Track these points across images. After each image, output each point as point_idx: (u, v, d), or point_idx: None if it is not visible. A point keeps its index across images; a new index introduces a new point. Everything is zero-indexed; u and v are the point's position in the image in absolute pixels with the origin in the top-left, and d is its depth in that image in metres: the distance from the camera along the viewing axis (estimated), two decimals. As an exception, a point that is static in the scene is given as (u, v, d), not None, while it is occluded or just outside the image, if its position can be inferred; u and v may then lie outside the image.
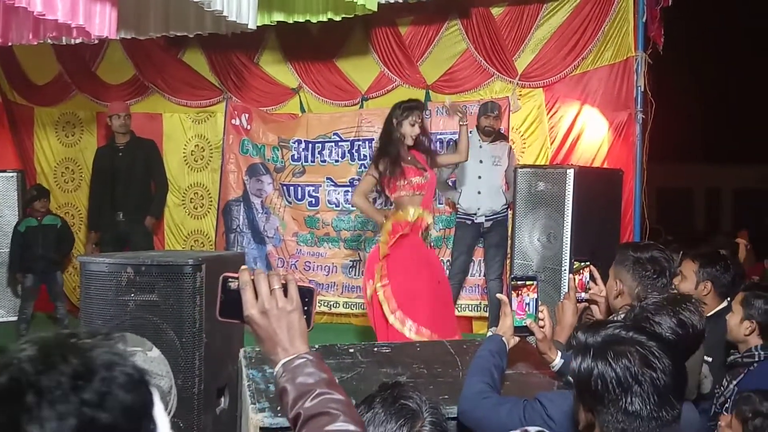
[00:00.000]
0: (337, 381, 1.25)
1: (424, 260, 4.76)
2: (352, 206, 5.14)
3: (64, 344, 0.86)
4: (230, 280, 1.29)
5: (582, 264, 2.78)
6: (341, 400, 1.21)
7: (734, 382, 2.93)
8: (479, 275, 6.09)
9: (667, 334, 2.01)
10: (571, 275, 2.68)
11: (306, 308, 1.28)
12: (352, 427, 1.16)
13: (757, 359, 2.91)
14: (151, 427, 0.91)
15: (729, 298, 3.40)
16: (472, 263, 6.08)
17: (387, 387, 1.76)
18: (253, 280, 1.27)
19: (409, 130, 4.73)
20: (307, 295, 1.29)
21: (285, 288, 1.27)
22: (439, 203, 6.22)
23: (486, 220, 5.75)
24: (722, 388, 3.01)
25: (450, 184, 5.96)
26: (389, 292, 4.51)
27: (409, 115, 4.73)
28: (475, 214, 5.75)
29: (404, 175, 4.67)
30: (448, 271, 5.98)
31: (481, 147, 5.76)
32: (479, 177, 5.73)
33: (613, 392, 1.47)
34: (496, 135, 5.80)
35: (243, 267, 1.32)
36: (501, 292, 5.70)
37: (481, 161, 5.74)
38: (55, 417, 0.80)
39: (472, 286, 6.15)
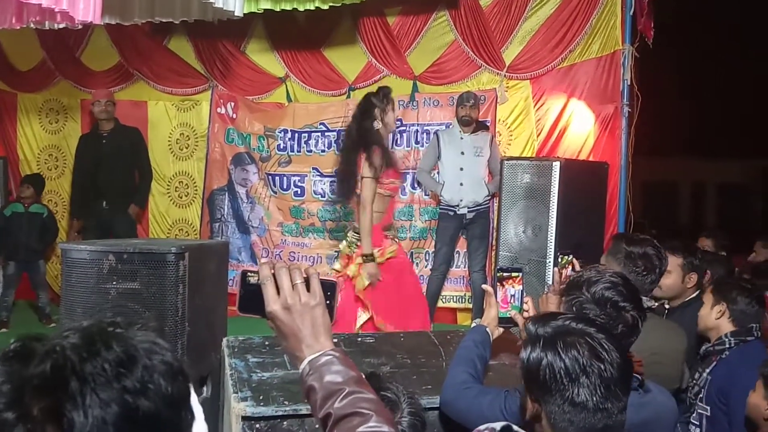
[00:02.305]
0: (362, 376, 1.22)
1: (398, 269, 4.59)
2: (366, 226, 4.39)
3: (106, 332, 0.87)
4: (250, 274, 1.27)
5: (567, 258, 2.80)
6: (372, 399, 1.18)
7: (707, 371, 2.96)
8: (464, 267, 6.10)
9: (609, 289, 2.04)
10: (556, 269, 2.69)
11: (328, 302, 1.25)
12: (385, 428, 1.14)
13: (727, 346, 2.94)
14: (189, 418, 0.91)
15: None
16: (456, 255, 6.08)
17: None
18: (273, 275, 1.23)
19: (392, 117, 4.53)
20: (329, 289, 1.26)
21: (307, 282, 1.23)
22: (426, 195, 6.22)
23: (468, 212, 5.75)
24: (696, 378, 3.04)
25: (436, 177, 5.95)
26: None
27: (389, 101, 4.52)
28: (458, 205, 5.74)
29: (389, 173, 4.44)
30: (431, 263, 5.99)
31: (462, 138, 5.76)
32: (461, 169, 5.72)
33: (560, 382, 1.49)
34: (477, 125, 5.79)
35: (263, 261, 1.29)
36: (485, 284, 5.70)
37: (462, 153, 5.73)
38: (98, 404, 0.80)
39: (457, 277, 6.16)
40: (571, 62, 6.00)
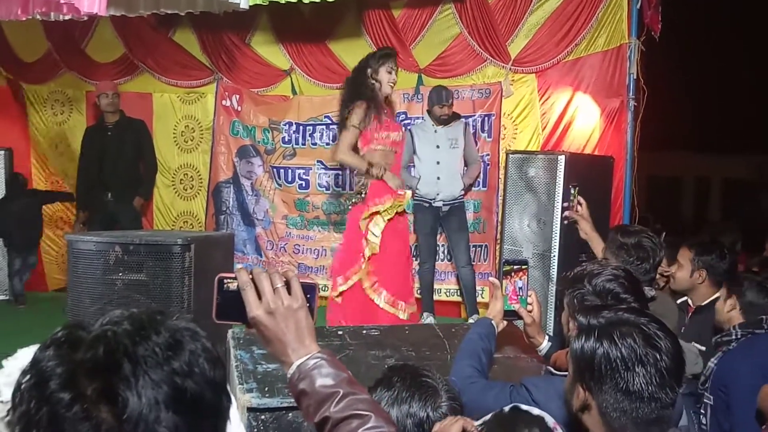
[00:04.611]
0: (354, 377, 1.22)
1: (400, 234, 4.64)
2: (339, 164, 4.62)
3: (155, 319, 0.91)
4: (227, 280, 1.24)
5: (575, 191, 2.97)
6: (367, 400, 1.18)
7: (714, 360, 2.98)
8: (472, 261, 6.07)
9: (610, 281, 2.11)
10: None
11: (309, 305, 1.24)
12: (385, 428, 1.14)
13: (734, 337, 2.97)
14: (227, 403, 0.95)
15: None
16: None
17: (400, 367, 1.76)
18: (252, 280, 1.21)
19: (386, 77, 4.51)
20: (309, 291, 1.25)
21: (287, 285, 1.22)
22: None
23: (444, 205, 5.72)
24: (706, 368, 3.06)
25: (409, 170, 5.90)
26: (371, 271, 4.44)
27: (385, 61, 4.52)
28: (434, 199, 5.72)
29: (384, 125, 4.46)
30: (417, 258, 5.95)
31: (436, 132, 5.74)
32: (437, 162, 5.69)
33: (616, 371, 1.49)
34: (450, 116, 5.77)
35: (239, 267, 1.28)
36: (473, 280, 5.74)
37: (438, 146, 5.71)
38: (151, 385, 0.84)
39: (461, 270, 6.14)
40: (576, 56, 5.97)
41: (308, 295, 1.24)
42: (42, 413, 0.82)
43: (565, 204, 3.10)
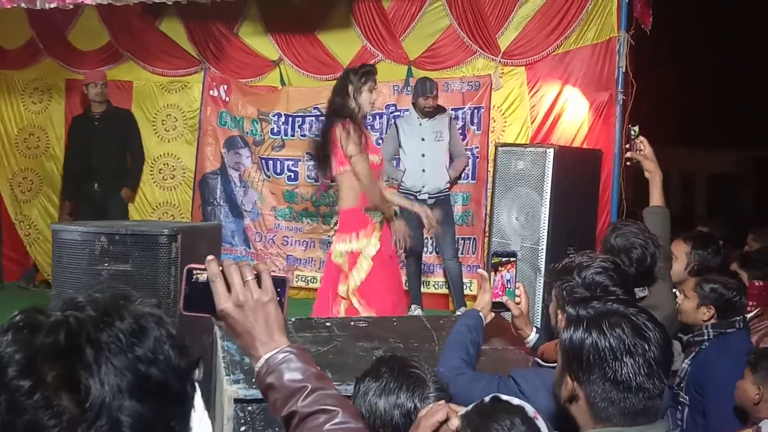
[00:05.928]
0: (322, 372, 1.21)
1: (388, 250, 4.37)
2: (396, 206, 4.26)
3: (118, 304, 0.89)
4: (196, 271, 1.21)
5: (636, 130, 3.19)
6: (335, 395, 1.17)
7: (687, 361, 2.99)
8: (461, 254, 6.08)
9: (599, 274, 2.13)
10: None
11: (279, 298, 1.22)
12: (352, 423, 1.13)
13: (707, 337, 2.97)
14: (192, 391, 0.93)
15: None
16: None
17: (388, 358, 1.77)
18: (222, 272, 1.19)
19: (368, 97, 4.23)
20: (280, 285, 1.23)
21: (258, 278, 1.20)
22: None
23: (429, 198, 5.72)
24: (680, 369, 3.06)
25: (394, 163, 5.89)
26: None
27: (367, 80, 4.25)
28: (419, 191, 5.72)
29: (366, 148, 4.21)
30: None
31: (421, 124, 5.73)
32: (422, 155, 5.69)
33: (604, 361, 1.49)
34: (435, 109, 5.76)
35: (209, 258, 1.22)
36: (460, 272, 5.75)
37: (423, 139, 5.71)
38: (114, 372, 0.82)
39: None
40: (566, 49, 5.97)
41: (278, 289, 1.22)
42: (0, 401, 0.79)
43: (627, 145, 3.14)
